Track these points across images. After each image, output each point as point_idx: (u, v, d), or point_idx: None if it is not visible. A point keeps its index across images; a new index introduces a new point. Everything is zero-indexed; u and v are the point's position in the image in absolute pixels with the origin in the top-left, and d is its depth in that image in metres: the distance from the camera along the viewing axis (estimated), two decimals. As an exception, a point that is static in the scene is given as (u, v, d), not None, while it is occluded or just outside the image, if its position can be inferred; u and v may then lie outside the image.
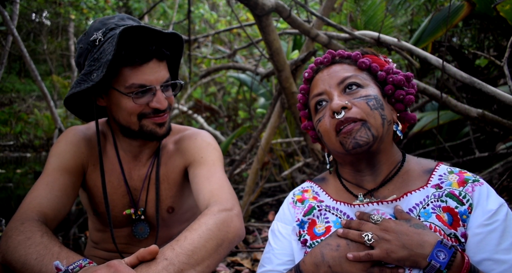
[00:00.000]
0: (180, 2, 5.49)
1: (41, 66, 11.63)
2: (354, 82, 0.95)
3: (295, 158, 4.08)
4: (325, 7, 2.64)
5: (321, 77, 1.00)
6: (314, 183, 1.10)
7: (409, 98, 0.99)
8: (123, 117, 1.18)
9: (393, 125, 0.98)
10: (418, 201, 0.91)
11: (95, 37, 1.13)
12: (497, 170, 2.16)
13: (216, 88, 6.60)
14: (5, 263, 0.95)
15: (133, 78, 1.12)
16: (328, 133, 0.95)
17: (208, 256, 0.92)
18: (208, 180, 1.18)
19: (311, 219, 1.00)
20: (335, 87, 0.96)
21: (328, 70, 1.00)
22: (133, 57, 1.11)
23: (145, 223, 1.34)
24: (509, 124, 1.94)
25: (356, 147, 0.90)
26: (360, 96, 0.93)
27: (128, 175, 1.31)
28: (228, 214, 1.04)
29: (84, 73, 1.12)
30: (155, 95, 1.15)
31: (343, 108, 0.91)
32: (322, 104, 0.98)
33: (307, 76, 1.05)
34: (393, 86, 0.98)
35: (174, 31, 1.18)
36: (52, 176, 1.17)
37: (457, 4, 2.28)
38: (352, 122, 0.90)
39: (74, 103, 1.27)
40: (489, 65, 2.93)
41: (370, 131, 0.90)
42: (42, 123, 8.61)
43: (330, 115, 0.93)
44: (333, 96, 0.94)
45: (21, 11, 7.38)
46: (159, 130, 1.21)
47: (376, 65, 0.99)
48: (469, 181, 0.91)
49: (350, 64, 1.00)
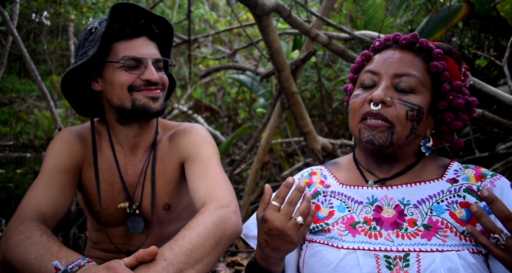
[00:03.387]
0: (180, 2, 5.49)
1: (41, 66, 11.63)
2: (410, 86, 0.88)
3: (295, 158, 4.08)
4: (325, 7, 2.64)
5: (386, 57, 0.93)
6: (324, 167, 1.10)
7: (456, 124, 0.92)
8: (116, 94, 1.19)
9: (421, 140, 0.93)
10: (432, 194, 0.89)
11: (92, 26, 1.20)
12: (497, 170, 2.16)
13: (216, 88, 6.60)
14: (5, 263, 0.95)
15: (125, 51, 1.16)
16: (354, 113, 0.93)
17: (206, 255, 0.92)
18: (203, 177, 1.18)
19: (315, 204, 1.00)
20: (390, 77, 0.89)
21: (396, 53, 0.92)
22: (124, 30, 1.16)
23: (139, 217, 1.33)
24: (509, 124, 1.93)
25: (369, 143, 0.89)
26: (406, 101, 0.87)
27: (123, 170, 1.31)
28: (225, 210, 1.04)
29: (81, 54, 1.17)
30: (146, 68, 1.18)
31: (382, 102, 0.87)
32: (366, 82, 0.93)
33: (377, 46, 0.98)
34: (447, 105, 0.91)
35: (163, 16, 1.25)
36: (49, 175, 1.17)
37: (456, 5, 2.28)
38: (381, 120, 0.87)
39: (71, 92, 1.30)
40: (489, 65, 2.93)
41: (391, 136, 0.87)
42: (42, 123, 8.62)
43: (367, 101, 0.90)
44: (381, 84, 0.89)
45: (21, 11, 7.38)
46: (153, 104, 1.20)
47: (447, 75, 0.91)
48: (487, 176, 0.89)
49: (424, 59, 0.92)
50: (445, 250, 0.81)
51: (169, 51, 1.33)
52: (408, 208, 0.89)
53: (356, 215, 0.93)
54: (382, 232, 0.88)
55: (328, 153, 2.69)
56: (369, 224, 0.90)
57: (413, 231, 0.86)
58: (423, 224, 0.86)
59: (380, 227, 0.89)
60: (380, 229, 0.88)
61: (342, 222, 0.93)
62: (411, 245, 0.84)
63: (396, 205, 0.90)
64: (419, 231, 0.85)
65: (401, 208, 0.89)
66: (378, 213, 0.91)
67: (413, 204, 0.89)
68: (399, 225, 0.87)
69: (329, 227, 0.94)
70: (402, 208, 0.89)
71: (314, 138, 2.43)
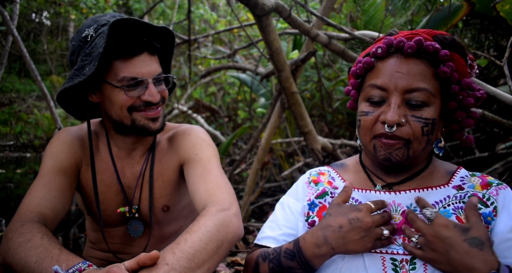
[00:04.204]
0: (180, 2, 5.48)
1: (41, 66, 11.62)
2: (422, 101, 0.85)
3: (295, 158, 4.08)
4: (325, 7, 2.63)
5: (392, 68, 0.87)
6: (331, 168, 1.09)
7: (468, 122, 0.92)
8: (115, 112, 1.17)
9: (432, 144, 0.93)
10: (438, 199, 0.89)
11: (87, 33, 1.14)
12: (497, 170, 2.16)
13: (216, 88, 6.60)
14: (6, 265, 0.94)
15: (124, 71, 1.12)
16: (366, 131, 0.90)
17: (208, 259, 0.91)
18: (203, 179, 1.17)
19: (322, 204, 0.99)
20: (400, 93, 0.85)
21: (403, 64, 0.86)
22: (124, 50, 1.11)
23: (139, 221, 1.33)
24: (509, 124, 1.93)
25: (387, 161, 0.88)
26: (420, 117, 0.85)
27: (121, 172, 1.30)
28: (226, 214, 1.03)
29: (76, 68, 1.12)
30: (147, 88, 1.15)
31: (397, 124, 0.85)
32: (376, 99, 0.89)
33: (379, 53, 0.90)
34: (457, 105, 0.90)
35: (165, 25, 1.18)
36: (48, 176, 1.16)
37: (456, 4, 2.28)
38: (397, 139, 0.86)
39: (67, 100, 1.27)
40: (489, 65, 2.92)
41: (408, 152, 0.87)
42: (42, 123, 8.61)
43: (380, 121, 0.87)
44: (391, 102, 0.86)
45: (21, 11, 7.37)
46: (152, 125, 1.19)
47: (456, 77, 0.87)
48: (492, 184, 0.89)
49: (430, 64, 0.87)
50: None
51: (170, 58, 1.31)
52: (416, 213, 0.88)
53: None
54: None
55: (328, 153, 2.68)
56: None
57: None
58: None
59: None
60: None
61: None
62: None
63: (403, 210, 0.90)
64: None
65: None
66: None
67: (420, 210, 0.88)
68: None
69: None
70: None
71: (314, 138, 2.43)
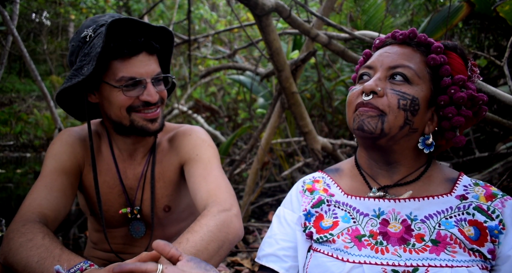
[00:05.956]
0: (180, 2, 5.48)
1: (41, 66, 11.63)
2: (402, 74, 0.87)
3: (295, 158, 4.08)
4: (325, 7, 2.64)
5: (382, 52, 0.94)
6: (326, 174, 1.06)
7: (457, 120, 0.88)
8: (114, 112, 1.17)
9: (419, 135, 0.90)
10: (440, 210, 0.87)
11: (86, 33, 1.14)
12: (497, 170, 2.16)
13: (216, 88, 6.60)
14: (7, 265, 0.95)
15: (123, 71, 1.11)
16: (349, 105, 0.93)
17: (209, 259, 0.92)
18: (204, 179, 1.18)
19: (319, 213, 0.97)
20: (384, 70, 0.89)
21: (393, 48, 0.93)
22: (122, 50, 1.10)
23: (141, 222, 1.33)
24: (509, 124, 1.94)
25: (359, 129, 0.87)
26: (398, 90, 0.86)
27: (123, 174, 1.31)
28: (227, 214, 1.04)
29: (75, 69, 1.12)
30: (145, 88, 1.14)
31: (373, 92, 0.86)
32: (364, 77, 0.94)
33: (377, 44, 1.00)
34: (448, 99, 0.88)
35: (163, 25, 1.18)
36: (50, 177, 1.17)
37: (456, 5, 2.28)
38: (372, 107, 0.86)
39: (67, 101, 1.27)
40: (489, 65, 2.93)
41: (382, 125, 0.85)
42: (42, 123, 8.62)
43: (360, 92, 0.90)
44: (374, 76, 0.90)
45: (21, 11, 7.38)
46: (151, 126, 1.19)
47: (447, 69, 0.88)
48: (497, 196, 0.87)
49: (423, 53, 0.90)
50: (454, 266, 0.79)
51: (169, 58, 1.31)
52: (416, 223, 0.87)
53: (361, 227, 0.90)
54: (389, 247, 0.85)
55: (328, 153, 2.69)
56: (375, 238, 0.87)
57: (420, 246, 0.83)
58: (431, 239, 0.84)
59: (386, 242, 0.86)
60: (387, 244, 0.86)
61: (347, 233, 0.90)
62: (420, 260, 0.82)
63: (403, 219, 0.88)
64: (427, 246, 0.83)
65: (408, 223, 0.87)
66: (385, 226, 0.88)
67: (420, 219, 0.87)
68: (406, 241, 0.85)
69: (333, 238, 0.91)
70: (409, 223, 0.87)
71: (314, 138, 2.43)
